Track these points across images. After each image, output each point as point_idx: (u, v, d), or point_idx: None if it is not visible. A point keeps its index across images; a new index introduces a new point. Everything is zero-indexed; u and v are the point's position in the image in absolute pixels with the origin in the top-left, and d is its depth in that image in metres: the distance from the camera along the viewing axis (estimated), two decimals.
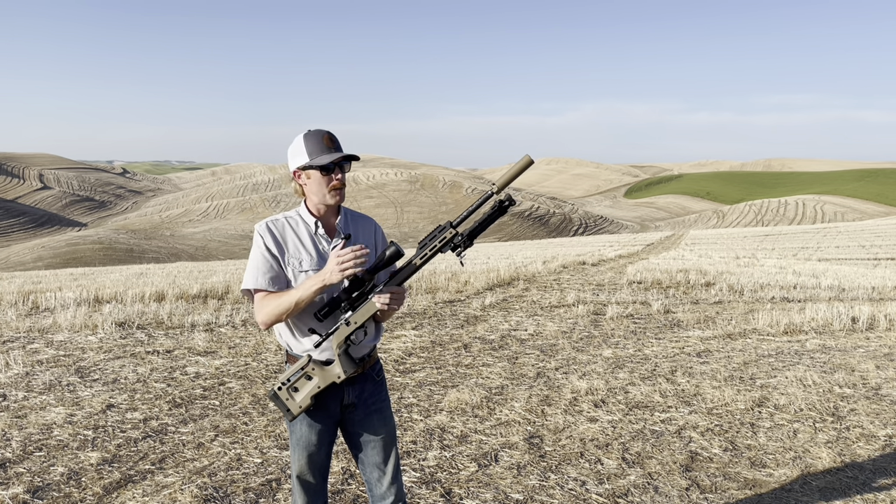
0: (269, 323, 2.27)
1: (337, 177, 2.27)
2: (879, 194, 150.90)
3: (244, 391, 5.19)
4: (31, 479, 3.58)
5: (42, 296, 9.34)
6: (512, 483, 3.63)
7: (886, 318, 8.12)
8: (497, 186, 2.12)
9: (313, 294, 2.21)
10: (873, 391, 5.35)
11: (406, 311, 8.86)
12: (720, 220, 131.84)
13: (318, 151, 2.25)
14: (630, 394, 5.23)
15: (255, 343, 6.77)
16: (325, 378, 2.28)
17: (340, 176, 2.28)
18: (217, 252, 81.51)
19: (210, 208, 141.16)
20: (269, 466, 3.79)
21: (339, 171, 2.28)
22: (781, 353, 6.70)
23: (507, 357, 6.46)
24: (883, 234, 44.24)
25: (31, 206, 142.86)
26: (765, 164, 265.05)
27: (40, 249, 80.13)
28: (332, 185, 2.27)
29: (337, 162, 2.26)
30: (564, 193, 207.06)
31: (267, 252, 2.31)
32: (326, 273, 2.18)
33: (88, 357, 6.11)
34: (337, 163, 2.26)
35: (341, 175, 2.28)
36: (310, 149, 2.25)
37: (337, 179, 2.27)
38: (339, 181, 2.27)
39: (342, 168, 2.28)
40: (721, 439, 4.29)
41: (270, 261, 2.31)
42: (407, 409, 4.84)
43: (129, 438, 4.17)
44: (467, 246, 2.18)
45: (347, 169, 2.32)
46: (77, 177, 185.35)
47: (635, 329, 7.91)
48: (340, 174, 2.28)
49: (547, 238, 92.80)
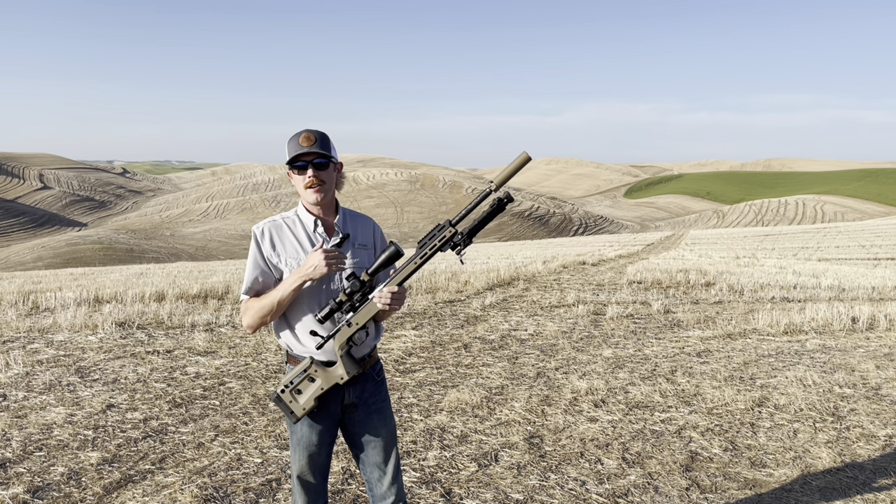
0: (255, 326, 2.30)
1: (308, 175, 2.27)
2: (879, 194, 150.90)
3: (244, 391, 5.19)
4: (32, 479, 3.58)
5: (42, 296, 9.34)
6: (512, 483, 3.63)
7: (886, 318, 8.12)
8: (495, 184, 2.12)
9: (293, 292, 2.23)
10: (873, 391, 5.35)
11: (406, 311, 8.86)
12: (720, 220, 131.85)
13: (292, 150, 2.27)
14: (630, 394, 5.23)
15: (255, 343, 6.77)
16: (327, 379, 2.28)
17: (311, 174, 2.26)
18: (217, 252, 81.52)
19: (210, 208, 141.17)
20: (270, 466, 3.79)
21: (312, 169, 2.26)
22: (781, 353, 6.70)
23: (507, 357, 6.46)
24: (883, 234, 44.24)
25: (31, 206, 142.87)
26: (765, 164, 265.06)
27: (40, 249, 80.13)
28: (304, 184, 2.28)
29: (307, 160, 2.25)
30: (564, 193, 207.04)
31: (260, 257, 2.34)
32: (309, 268, 2.20)
33: (88, 357, 6.11)
34: (309, 161, 2.26)
35: (312, 174, 2.26)
36: (289, 148, 2.28)
37: (309, 178, 2.27)
38: (311, 179, 2.26)
39: (316, 167, 2.27)
40: (721, 439, 4.29)
41: (263, 266, 2.33)
42: (407, 409, 4.84)
43: (130, 438, 4.17)
44: (467, 244, 2.18)
45: (326, 168, 2.28)
46: (77, 177, 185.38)
47: (635, 329, 7.91)
48: (312, 173, 2.26)
49: (547, 238, 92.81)
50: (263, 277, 2.33)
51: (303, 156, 2.25)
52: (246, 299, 2.33)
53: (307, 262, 2.22)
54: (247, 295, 2.33)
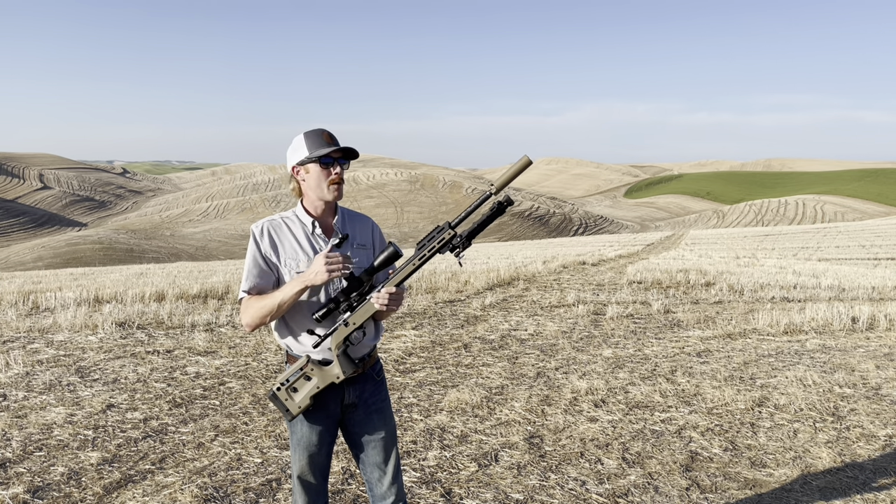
0: (254, 325, 2.28)
1: (336, 170, 2.28)
2: (880, 194, 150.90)
3: (244, 391, 5.19)
4: (32, 479, 3.58)
5: (42, 296, 9.34)
6: (512, 483, 3.63)
7: (886, 318, 8.12)
8: (496, 187, 2.12)
9: (295, 296, 2.23)
10: (873, 391, 5.35)
11: (406, 311, 8.87)
12: (720, 220, 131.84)
13: (317, 145, 2.27)
14: (630, 394, 5.23)
15: (255, 343, 6.77)
16: (323, 378, 2.28)
17: (339, 170, 2.29)
18: (217, 252, 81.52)
19: (210, 208, 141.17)
20: (270, 466, 3.79)
21: (338, 165, 2.29)
22: (781, 352, 6.70)
23: (507, 357, 6.46)
24: (883, 234, 44.22)
25: (31, 206, 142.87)
26: (765, 164, 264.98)
27: (40, 249, 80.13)
28: (331, 180, 2.28)
29: (337, 155, 2.28)
30: (564, 193, 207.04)
31: (259, 256, 2.33)
32: (311, 274, 2.19)
33: (88, 357, 6.11)
34: (337, 157, 2.28)
35: (340, 169, 2.29)
36: (310, 144, 2.27)
37: (336, 173, 2.28)
38: (337, 175, 2.28)
39: (341, 163, 2.30)
40: (721, 439, 4.29)
41: (262, 265, 2.33)
42: (407, 409, 4.84)
43: (130, 438, 4.17)
44: (466, 247, 2.18)
45: (346, 167, 2.33)
46: (77, 177, 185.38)
47: (635, 329, 7.91)
48: (339, 168, 2.29)
49: (547, 238, 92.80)
50: (262, 276, 2.33)
51: (334, 151, 2.26)
52: (246, 297, 2.31)
53: (311, 267, 2.21)
54: (247, 293, 2.32)
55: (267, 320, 2.27)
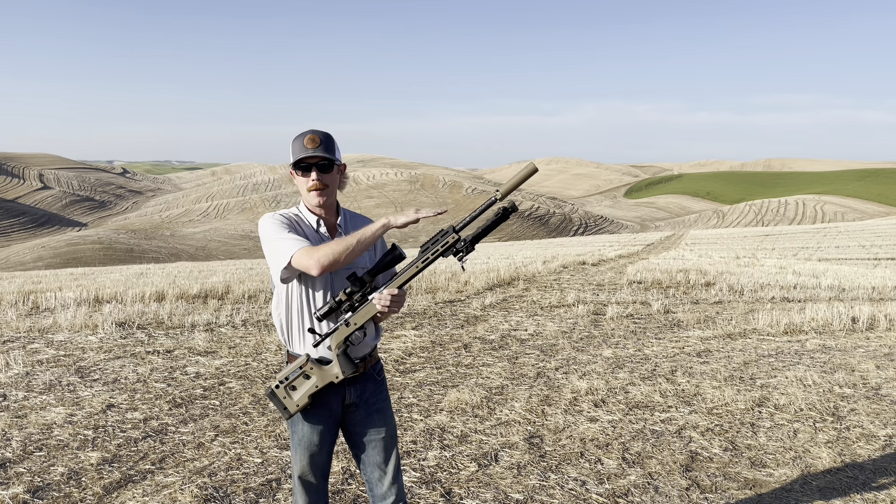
0: (326, 265, 2.15)
1: (312, 178, 2.27)
2: (880, 194, 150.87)
3: (244, 391, 5.19)
4: (32, 479, 3.58)
5: (42, 296, 9.34)
6: (512, 483, 3.63)
7: (886, 318, 8.12)
8: (501, 193, 2.14)
9: (375, 235, 2.18)
10: (873, 391, 5.36)
11: (406, 311, 8.87)
12: (720, 220, 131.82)
13: (297, 151, 2.26)
14: (630, 394, 5.23)
15: (255, 343, 6.77)
16: (323, 377, 2.28)
17: (315, 178, 2.26)
18: (217, 252, 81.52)
19: (210, 208, 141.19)
20: (270, 466, 3.79)
21: (317, 171, 2.26)
22: (781, 353, 6.70)
23: (507, 357, 6.46)
24: (883, 234, 44.23)
25: (31, 206, 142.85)
26: (765, 164, 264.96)
27: (40, 249, 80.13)
28: (308, 187, 2.28)
29: (311, 162, 2.25)
30: (564, 193, 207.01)
31: (285, 221, 2.29)
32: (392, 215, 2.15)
33: (88, 357, 6.11)
34: (313, 163, 2.26)
35: (316, 177, 2.26)
36: (293, 149, 2.28)
37: (313, 181, 2.27)
38: (314, 182, 2.27)
39: (321, 169, 2.27)
40: (721, 439, 4.29)
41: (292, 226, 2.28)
42: (407, 409, 4.84)
43: (129, 438, 4.17)
44: (469, 251, 2.19)
45: (329, 171, 2.29)
46: (77, 177, 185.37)
47: (635, 329, 7.91)
48: (316, 176, 2.26)
49: (547, 238, 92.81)
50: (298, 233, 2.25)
51: (307, 158, 2.25)
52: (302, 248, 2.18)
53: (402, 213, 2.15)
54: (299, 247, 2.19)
55: (341, 258, 2.16)
